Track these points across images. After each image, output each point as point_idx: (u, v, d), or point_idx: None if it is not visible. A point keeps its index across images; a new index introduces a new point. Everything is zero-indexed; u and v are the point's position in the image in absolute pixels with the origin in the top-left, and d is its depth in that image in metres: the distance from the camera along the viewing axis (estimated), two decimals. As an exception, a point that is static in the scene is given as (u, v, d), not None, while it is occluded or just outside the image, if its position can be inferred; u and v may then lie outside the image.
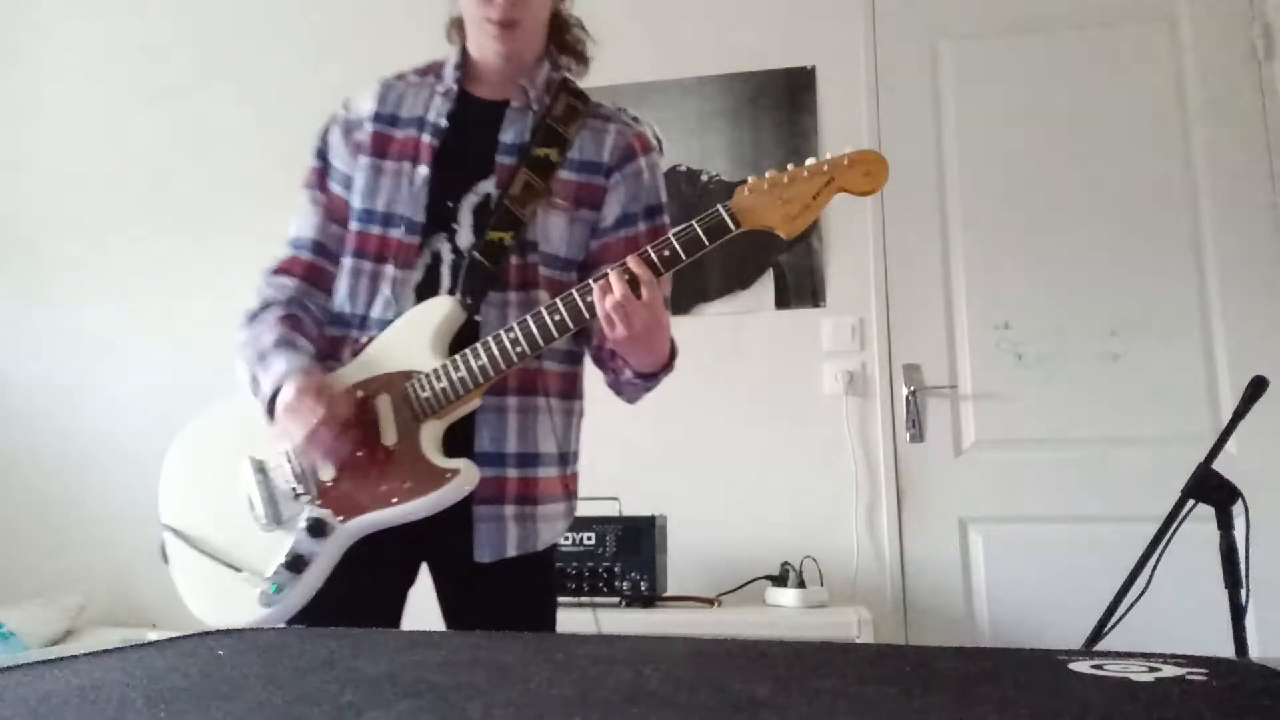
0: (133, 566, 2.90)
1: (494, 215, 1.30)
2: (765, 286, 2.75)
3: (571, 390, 1.39)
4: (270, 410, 1.27)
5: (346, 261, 1.36)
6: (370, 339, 1.32)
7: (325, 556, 1.26)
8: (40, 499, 3.05)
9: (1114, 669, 0.56)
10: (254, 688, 0.57)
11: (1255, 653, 2.09)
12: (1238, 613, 1.67)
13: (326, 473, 1.27)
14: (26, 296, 3.20)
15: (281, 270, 1.40)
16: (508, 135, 1.35)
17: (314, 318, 1.38)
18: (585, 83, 1.46)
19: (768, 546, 2.54)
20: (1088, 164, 2.66)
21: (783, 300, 2.74)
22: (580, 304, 1.21)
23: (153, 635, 0.94)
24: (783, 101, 2.82)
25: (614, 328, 1.18)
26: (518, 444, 1.31)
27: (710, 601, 2.41)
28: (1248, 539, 1.69)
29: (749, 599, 2.48)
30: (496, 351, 1.23)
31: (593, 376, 1.43)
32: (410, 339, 1.29)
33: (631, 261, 1.18)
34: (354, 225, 1.36)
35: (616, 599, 2.33)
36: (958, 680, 0.55)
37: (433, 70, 1.43)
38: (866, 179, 1.24)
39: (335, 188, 1.40)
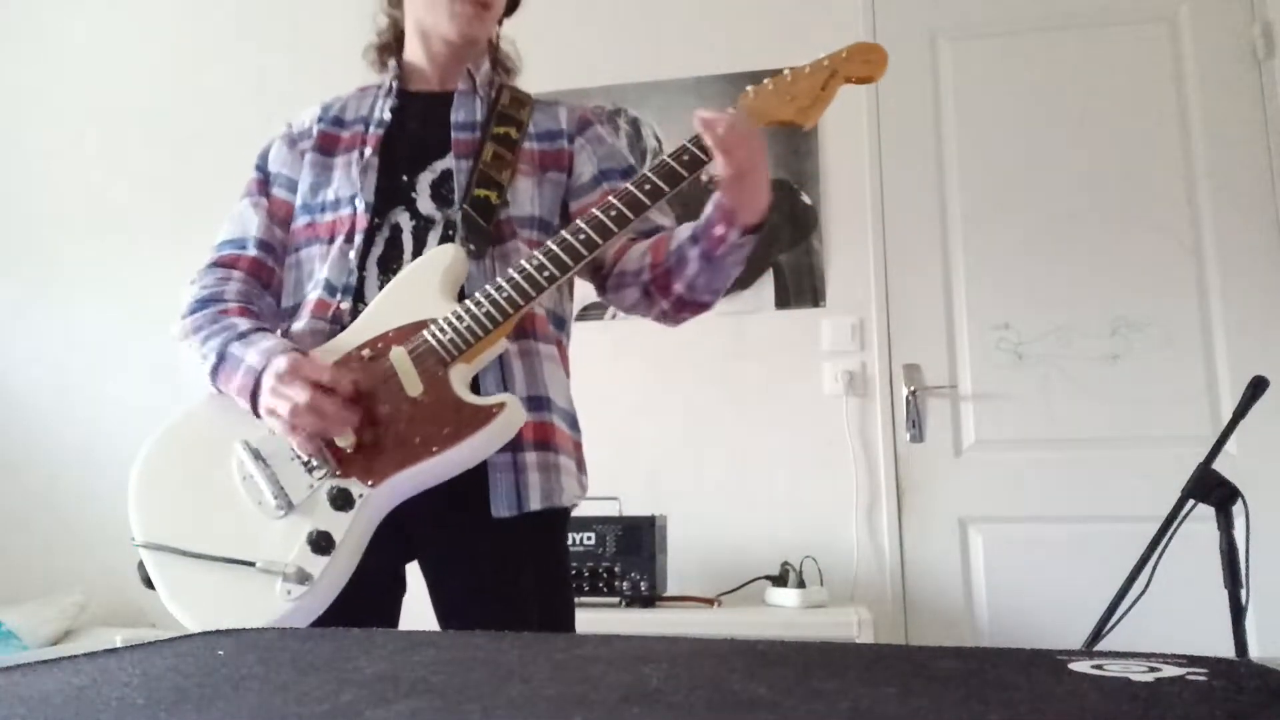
0: (133, 566, 2.90)
1: (472, 176, 1.28)
2: (765, 286, 2.75)
3: (563, 355, 1.34)
4: (254, 393, 1.15)
5: (297, 255, 1.32)
6: (354, 311, 1.23)
7: (356, 532, 1.11)
8: (40, 499, 3.05)
9: (1114, 669, 0.56)
10: (254, 688, 0.57)
11: (1255, 653, 2.09)
12: (1238, 613, 1.67)
13: (344, 439, 1.14)
14: (27, 296, 3.20)
15: (223, 264, 1.33)
16: (459, 115, 1.35)
17: (265, 318, 1.30)
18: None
19: (768, 546, 2.55)
20: (1087, 164, 2.66)
21: (783, 300, 2.74)
22: (604, 219, 1.16)
23: (152, 635, 0.93)
24: (783, 101, 2.82)
25: (735, 161, 1.13)
26: (526, 387, 1.24)
27: (710, 601, 2.41)
28: (1248, 539, 1.69)
29: (749, 599, 2.48)
30: (521, 279, 1.16)
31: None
32: (415, 291, 1.20)
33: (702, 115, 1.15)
34: (302, 219, 1.33)
35: (616, 599, 2.33)
36: (958, 680, 0.55)
37: (372, 88, 1.44)
38: (867, 66, 1.21)
39: (279, 192, 1.37)
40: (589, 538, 2.35)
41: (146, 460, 1.24)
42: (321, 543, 1.10)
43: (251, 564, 1.11)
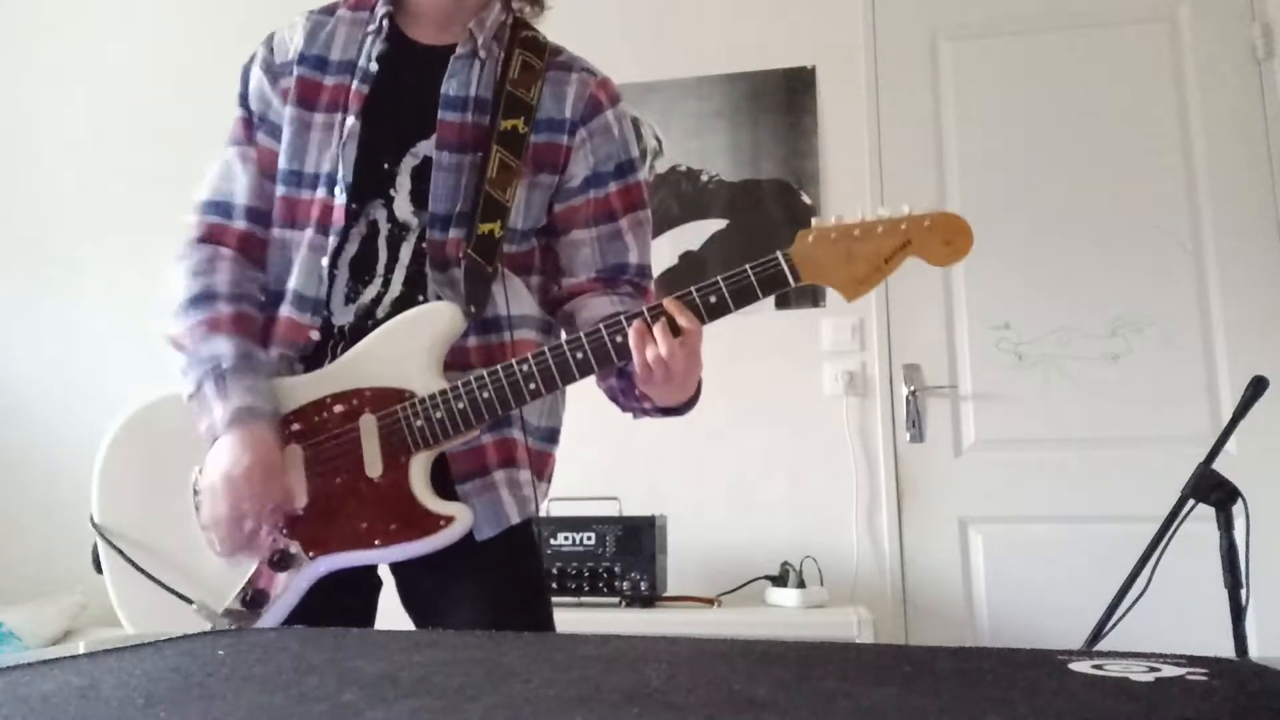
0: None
1: (478, 205, 1.17)
2: (765, 286, 2.74)
3: None
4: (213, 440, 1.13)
5: (278, 234, 1.22)
6: (324, 326, 1.17)
7: (289, 595, 1.12)
8: (40, 499, 3.05)
9: (1114, 669, 0.56)
10: (254, 688, 0.57)
11: (1255, 653, 2.09)
12: (1238, 613, 1.67)
13: (299, 500, 1.13)
14: (26, 296, 3.20)
15: (211, 239, 1.23)
16: (451, 87, 1.20)
17: (260, 308, 1.22)
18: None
19: (768, 546, 2.55)
20: (1087, 164, 2.66)
21: (783, 300, 2.74)
22: (609, 345, 1.09)
23: (152, 636, 0.94)
24: (783, 101, 2.82)
25: (650, 377, 1.08)
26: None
27: (710, 601, 2.41)
28: (1248, 539, 1.69)
29: (749, 599, 2.48)
30: (506, 386, 1.10)
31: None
32: (402, 349, 1.14)
33: (673, 307, 1.07)
34: (281, 189, 1.22)
35: (616, 599, 2.33)
36: (958, 680, 0.55)
37: (367, 3, 1.27)
38: (947, 249, 1.07)
39: (265, 140, 1.26)
40: (589, 538, 2.35)
41: (117, 441, 1.26)
42: (256, 600, 1.12)
43: (189, 602, 1.13)
